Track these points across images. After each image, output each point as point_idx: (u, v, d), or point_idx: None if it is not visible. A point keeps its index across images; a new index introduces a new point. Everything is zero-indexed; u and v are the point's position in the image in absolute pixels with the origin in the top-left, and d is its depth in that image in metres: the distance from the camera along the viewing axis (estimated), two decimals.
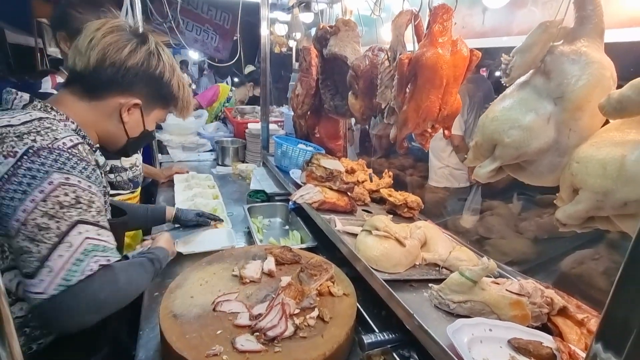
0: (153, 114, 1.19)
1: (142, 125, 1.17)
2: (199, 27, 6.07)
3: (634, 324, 0.45)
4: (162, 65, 1.13)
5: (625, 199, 0.65)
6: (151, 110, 1.18)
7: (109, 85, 1.06)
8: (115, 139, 1.16)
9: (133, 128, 1.15)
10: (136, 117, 1.14)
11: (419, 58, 1.25)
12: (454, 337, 0.88)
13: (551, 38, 0.83)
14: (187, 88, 1.24)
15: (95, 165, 1.01)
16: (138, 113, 1.14)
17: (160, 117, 1.24)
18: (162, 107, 1.21)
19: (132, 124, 1.14)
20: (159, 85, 1.14)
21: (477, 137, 0.93)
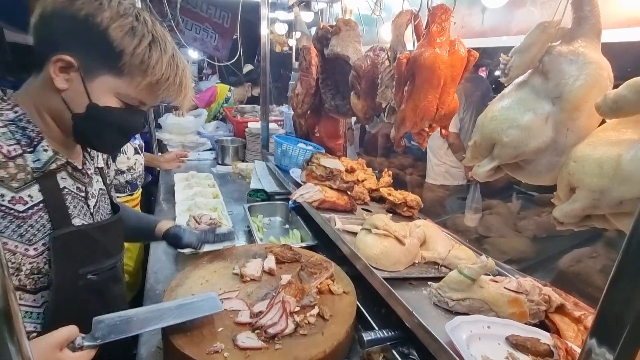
0: (100, 80, 0.87)
1: (86, 96, 0.87)
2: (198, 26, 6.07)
3: (627, 320, 0.46)
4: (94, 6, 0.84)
5: (621, 198, 0.66)
6: (94, 74, 0.87)
7: (42, 44, 0.87)
8: (60, 116, 0.90)
9: (73, 98, 0.87)
10: (75, 85, 0.86)
11: (417, 58, 1.26)
12: (452, 334, 0.89)
13: (549, 38, 0.83)
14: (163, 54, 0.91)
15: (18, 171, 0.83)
16: (78, 78, 0.86)
17: (117, 87, 0.89)
18: (109, 70, 0.87)
19: (70, 92, 0.87)
20: (90, 33, 0.84)
21: (476, 137, 0.94)
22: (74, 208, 0.95)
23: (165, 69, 0.91)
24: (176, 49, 0.96)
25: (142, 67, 0.88)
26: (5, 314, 0.41)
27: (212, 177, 2.58)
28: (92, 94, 0.88)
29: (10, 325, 0.42)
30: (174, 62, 0.93)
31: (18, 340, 0.43)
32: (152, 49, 0.89)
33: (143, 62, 0.88)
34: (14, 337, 0.42)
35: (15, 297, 0.42)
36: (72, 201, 0.95)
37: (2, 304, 0.41)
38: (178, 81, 0.95)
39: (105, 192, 1.12)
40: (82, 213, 0.98)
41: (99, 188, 1.08)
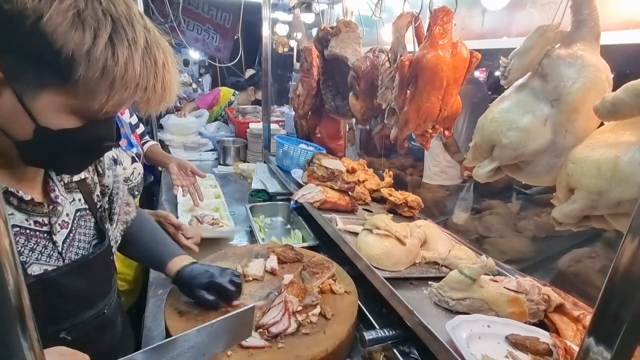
0: (43, 96, 0.63)
1: (30, 119, 0.63)
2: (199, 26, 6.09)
3: (624, 319, 0.47)
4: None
5: (618, 199, 0.67)
6: (36, 89, 0.62)
7: None
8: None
9: (10, 122, 0.64)
10: (8, 103, 0.62)
11: (420, 60, 1.27)
12: (453, 333, 0.91)
13: (548, 42, 0.85)
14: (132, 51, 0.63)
15: None
16: (9, 95, 0.61)
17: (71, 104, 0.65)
18: (54, 82, 0.62)
19: (4, 114, 0.63)
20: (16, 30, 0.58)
21: (476, 138, 0.96)
22: (31, 252, 0.73)
23: (139, 75, 0.64)
24: (150, 30, 0.68)
25: (106, 80, 0.62)
26: (18, 311, 0.42)
27: (213, 178, 2.58)
28: (37, 115, 0.63)
29: (23, 321, 0.43)
30: (150, 57, 0.66)
31: (30, 336, 0.44)
32: (115, 44, 0.61)
33: (107, 68, 0.61)
34: (26, 333, 0.43)
35: (26, 295, 0.43)
36: (26, 243, 0.72)
37: (15, 301, 0.42)
38: (160, 86, 0.68)
39: (87, 213, 0.88)
40: (45, 255, 0.75)
41: (76, 209, 0.85)
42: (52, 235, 0.77)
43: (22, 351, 0.44)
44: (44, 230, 0.76)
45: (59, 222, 0.80)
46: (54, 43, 0.58)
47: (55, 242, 0.78)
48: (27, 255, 0.72)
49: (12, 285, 0.41)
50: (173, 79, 0.71)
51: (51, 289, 0.74)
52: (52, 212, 0.78)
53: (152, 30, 0.68)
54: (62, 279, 0.76)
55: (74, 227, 0.83)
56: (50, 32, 0.57)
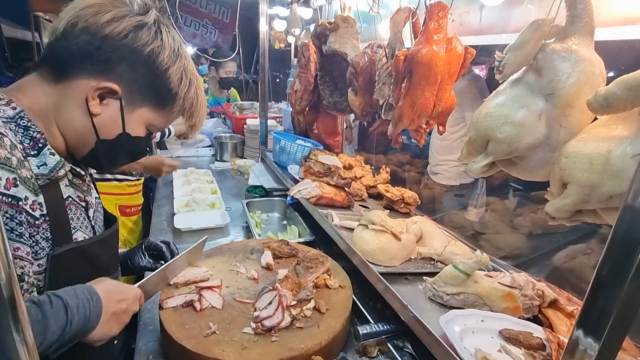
0: (140, 112, 0.87)
1: (121, 125, 0.85)
2: (197, 22, 6.06)
3: (611, 311, 0.48)
4: (157, 44, 0.83)
5: (610, 193, 0.67)
6: (137, 106, 0.87)
7: (79, 58, 0.79)
8: (80, 138, 0.85)
9: (106, 125, 0.84)
10: (112, 112, 0.83)
11: (415, 55, 1.27)
12: (446, 327, 0.91)
13: (543, 36, 0.85)
14: (200, 92, 0.96)
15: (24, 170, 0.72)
16: (116, 106, 0.83)
17: (152, 119, 0.91)
18: (154, 105, 0.89)
19: (104, 119, 0.83)
20: (150, 70, 0.84)
21: (471, 133, 0.96)
22: (77, 220, 0.88)
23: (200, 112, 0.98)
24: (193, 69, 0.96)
25: (190, 110, 0.95)
26: (10, 303, 0.42)
27: (210, 173, 2.60)
28: (127, 124, 0.86)
29: (15, 314, 0.43)
30: (203, 105, 0.98)
31: (22, 329, 0.44)
32: (197, 91, 0.94)
33: (192, 104, 0.94)
34: (18, 326, 0.43)
35: (18, 289, 0.43)
36: (75, 212, 0.87)
37: (7, 293, 0.42)
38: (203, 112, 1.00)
39: (100, 202, 1.04)
40: (84, 225, 0.90)
41: (95, 197, 1.01)
42: (87, 210, 0.93)
43: (14, 345, 0.44)
44: (83, 205, 0.92)
45: (90, 201, 0.95)
46: (170, 84, 0.89)
47: (89, 216, 0.94)
48: (75, 222, 0.87)
49: (4, 279, 0.41)
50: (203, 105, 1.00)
51: (85, 256, 0.88)
52: (87, 192, 0.94)
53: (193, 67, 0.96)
54: (92, 247, 0.89)
55: (96, 210, 0.99)
56: (171, 78, 0.88)
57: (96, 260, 0.91)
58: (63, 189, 0.84)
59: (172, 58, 0.86)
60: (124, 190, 2.29)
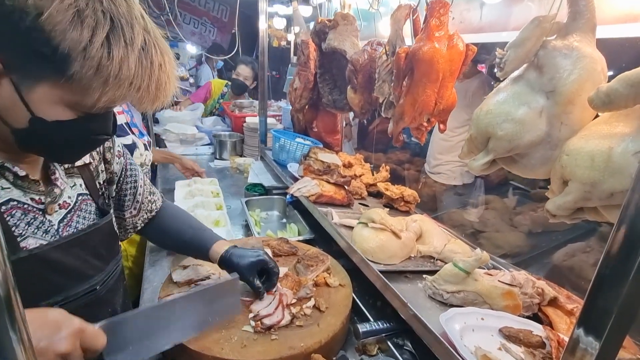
0: (40, 90, 0.66)
1: (25, 109, 0.66)
2: (196, 19, 6.05)
3: (612, 310, 0.48)
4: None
5: (611, 190, 0.67)
6: (33, 82, 0.65)
7: None
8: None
9: (7, 110, 0.67)
10: (6, 93, 0.65)
11: (416, 52, 1.26)
12: (446, 325, 0.91)
13: (544, 33, 0.84)
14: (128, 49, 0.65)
15: None
16: (8, 86, 0.64)
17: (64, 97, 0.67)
18: (51, 77, 0.65)
19: (2, 103, 0.66)
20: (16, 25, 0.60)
21: (472, 130, 0.95)
22: (27, 225, 0.75)
23: (133, 75, 0.66)
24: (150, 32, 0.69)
25: (100, 77, 0.64)
26: (6, 302, 0.41)
27: (217, 183, 2.30)
28: (33, 106, 0.66)
29: (12, 313, 0.42)
30: (146, 58, 0.67)
31: (19, 329, 0.43)
32: (111, 44, 0.63)
33: (101, 66, 0.63)
34: (15, 325, 0.43)
35: (15, 287, 0.42)
36: (22, 217, 0.75)
37: (3, 292, 0.41)
38: (154, 86, 0.70)
39: (88, 197, 0.91)
40: (42, 230, 0.78)
41: (78, 194, 0.89)
42: (46, 213, 0.80)
43: (10, 343, 0.43)
44: (40, 207, 0.79)
45: (60, 203, 0.83)
46: (52, 39, 0.60)
47: (50, 221, 0.81)
48: (22, 229, 0.75)
49: (0, 277, 0.41)
50: (169, 80, 0.73)
51: (44, 264, 0.77)
52: (48, 192, 0.81)
53: (152, 32, 0.70)
54: (54, 253, 0.78)
55: (74, 209, 0.87)
56: (49, 28, 0.60)
57: (61, 267, 0.80)
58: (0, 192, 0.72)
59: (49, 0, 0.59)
60: None
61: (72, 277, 0.84)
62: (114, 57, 0.63)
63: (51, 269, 0.79)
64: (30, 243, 0.76)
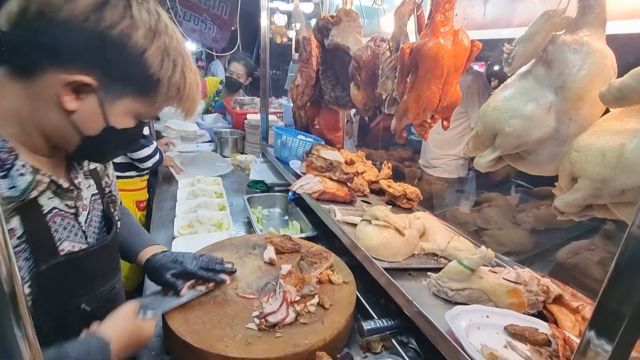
0: (121, 103, 0.77)
1: (103, 120, 0.76)
2: (196, 17, 6.02)
3: (626, 313, 0.47)
4: (127, 23, 0.71)
5: (623, 187, 0.66)
6: (116, 97, 0.76)
7: (40, 50, 0.69)
8: (64, 138, 0.78)
9: (87, 122, 0.75)
10: (90, 107, 0.74)
11: (421, 48, 1.25)
12: (452, 322, 0.90)
13: (553, 27, 0.83)
14: (189, 73, 0.83)
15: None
16: (94, 100, 0.74)
17: (138, 110, 0.81)
18: (135, 95, 0.78)
19: (84, 115, 0.74)
20: (122, 56, 0.72)
21: (478, 127, 0.94)
22: (64, 230, 0.82)
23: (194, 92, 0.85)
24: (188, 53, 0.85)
25: (178, 95, 0.82)
26: (11, 298, 0.41)
27: (220, 182, 2.29)
28: (110, 117, 0.77)
29: (17, 309, 0.42)
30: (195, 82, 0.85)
31: (24, 325, 0.43)
32: (185, 73, 0.81)
33: (179, 90, 0.81)
34: (20, 321, 0.42)
35: (20, 283, 0.42)
36: (61, 222, 0.81)
37: (8, 288, 0.41)
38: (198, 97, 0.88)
39: (98, 197, 0.97)
40: (73, 233, 0.84)
41: (91, 194, 0.94)
42: (77, 216, 0.87)
43: (15, 340, 0.43)
44: (72, 212, 0.85)
45: (81, 205, 0.89)
46: (149, 69, 0.76)
47: (80, 222, 0.87)
48: (60, 234, 0.81)
49: (5, 274, 0.40)
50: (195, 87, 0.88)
51: (75, 267, 0.83)
52: (77, 197, 0.87)
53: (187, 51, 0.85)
54: (84, 258, 0.85)
55: (90, 210, 0.92)
56: (149, 63, 0.75)
57: (90, 269, 0.87)
58: (46, 202, 0.77)
59: (149, 37, 0.73)
60: (138, 186, 2.30)
61: (98, 278, 0.91)
62: (187, 81, 0.82)
63: (82, 271, 0.85)
64: (65, 246, 0.82)
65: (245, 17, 3.83)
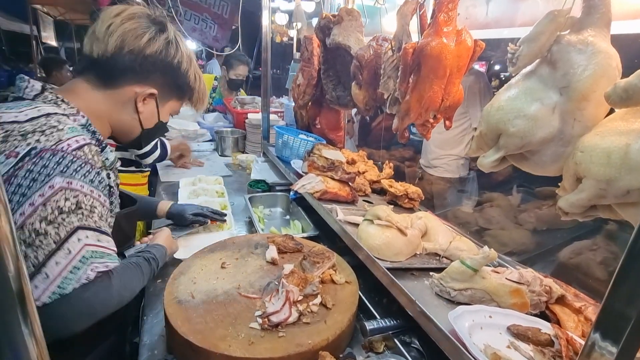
0: (168, 104, 1.18)
1: (157, 116, 1.16)
2: (197, 15, 6.01)
3: (631, 315, 0.47)
4: (180, 54, 1.11)
5: (628, 187, 0.66)
6: (166, 101, 1.16)
7: (126, 73, 1.04)
8: (129, 130, 1.14)
9: (148, 119, 1.13)
10: (151, 108, 1.12)
11: (424, 47, 1.25)
12: (455, 322, 0.90)
13: (558, 27, 0.83)
14: (203, 80, 1.23)
15: (102, 166, 0.97)
16: (153, 103, 1.12)
17: (175, 108, 1.22)
18: (177, 98, 1.19)
19: (147, 114, 1.12)
20: (176, 75, 1.13)
21: (482, 127, 0.94)
22: (114, 197, 1.09)
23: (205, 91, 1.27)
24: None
25: (202, 97, 1.25)
26: (19, 296, 0.41)
27: (222, 181, 2.30)
28: (161, 115, 1.17)
29: (24, 307, 0.42)
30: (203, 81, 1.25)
31: (31, 322, 0.43)
32: (202, 80, 1.23)
33: (203, 93, 1.25)
34: (27, 319, 0.42)
35: (28, 282, 0.42)
36: (114, 192, 1.09)
37: (16, 287, 0.41)
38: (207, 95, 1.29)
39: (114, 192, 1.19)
40: (115, 202, 1.10)
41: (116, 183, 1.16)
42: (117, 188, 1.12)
43: (23, 337, 0.43)
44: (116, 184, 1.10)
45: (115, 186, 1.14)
46: (189, 82, 1.18)
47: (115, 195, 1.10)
48: (114, 200, 1.08)
49: (13, 271, 0.40)
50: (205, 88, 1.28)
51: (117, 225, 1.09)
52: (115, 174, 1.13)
53: None
54: (122, 219, 1.13)
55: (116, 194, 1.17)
56: (189, 77, 1.17)
57: (122, 227, 1.16)
58: (114, 179, 1.08)
59: (188, 62, 1.14)
60: (138, 181, 2.30)
61: (126, 236, 1.23)
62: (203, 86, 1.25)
63: (120, 228, 1.11)
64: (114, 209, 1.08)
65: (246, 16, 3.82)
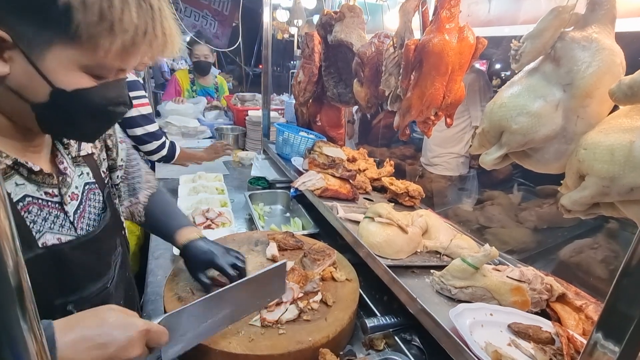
0: (53, 56, 0.64)
1: (42, 80, 0.64)
2: (197, 12, 6.00)
3: (634, 314, 0.46)
4: None
5: (631, 185, 0.65)
6: (43, 48, 0.63)
7: None
8: (13, 109, 0.69)
9: (25, 84, 0.65)
10: (21, 66, 0.63)
11: (426, 44, 1.24)
12: (456, 320, 0.90)
13: (562, 24, 0.82)
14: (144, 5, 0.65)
15: None
16: (20, 58, 0.62)
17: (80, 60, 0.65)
18: (59, 38, 0.63)
19: (17, 77, 0.64)
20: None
21: (484, 124, 0.93)
22: (44, 221, 0.74)
23: (137, 18, 0.64)
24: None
25: (104, 24, 0.62)
26: (18, 291, 0.40)
27: (222, 178, 2.26)
28: (49, 75, 0.64)
29: (23, 302, 0.41)
30: (146, 4, 0.66)
31: (30, 319, 0.42)
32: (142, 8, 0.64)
33: (103, 16, 0.61)
34: (25, 315, 0.42)
35: (26, 277, 0.41)
36: (39, 213, 0.73)
37: (14, 282, 0.40)
38: (160, 31, 0.68)
39: (95, 187, 0.90)
40: (58, 225, 0.77)
41: (85, 183, 0.87)
42: (64, 205, 0.78)
43: (21, 333, 0.43)
44: (55, 200, 0.77)
45: (69, 194, 0.81)
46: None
47: (67, 212, 0.79)
48: (40, 225, 0.73)
49: (12, 267, 0.40)
50: (172, 25, 0.71)
51: (62, 261, 0.76)
52: (61, 183, 0.79)
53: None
54: (72, 252, 0.77)
55: (83, 199, 0.85)
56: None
57: (78, 266, 0.79)
58: (14, 190, 0.69)
59: None
60: None
61: (87, 276, 0.83)
62: (113, 2, 0.62)
63: (68, 267, 0.77)
64: (48, 239, 0.74)
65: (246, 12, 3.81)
